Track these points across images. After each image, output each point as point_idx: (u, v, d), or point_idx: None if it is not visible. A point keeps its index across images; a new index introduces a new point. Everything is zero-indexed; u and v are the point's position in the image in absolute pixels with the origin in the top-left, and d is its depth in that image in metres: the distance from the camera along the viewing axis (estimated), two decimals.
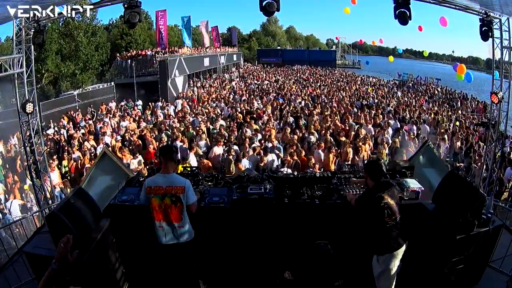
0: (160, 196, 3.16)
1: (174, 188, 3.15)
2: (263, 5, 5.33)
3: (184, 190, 3.15)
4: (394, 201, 3.06)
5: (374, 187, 3.14)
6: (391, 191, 3.09)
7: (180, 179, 3.22)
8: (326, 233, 3.82)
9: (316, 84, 23.06)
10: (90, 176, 4.90)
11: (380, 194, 3.03)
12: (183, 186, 3.16)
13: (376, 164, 3.31)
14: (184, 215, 3.23)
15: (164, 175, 3.21)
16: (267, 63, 39.21)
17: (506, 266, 3.76)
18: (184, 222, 3.24)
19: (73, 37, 20.90)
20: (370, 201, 3.07)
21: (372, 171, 3.18)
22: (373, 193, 3.09)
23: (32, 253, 3.10)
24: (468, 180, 3.54)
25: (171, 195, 3.14)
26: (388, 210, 3.02)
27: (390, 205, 3.02)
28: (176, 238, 3.25)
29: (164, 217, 3.20)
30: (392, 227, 3.06)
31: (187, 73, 21.08)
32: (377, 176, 3.16)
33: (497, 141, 6.74)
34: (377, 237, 3.11)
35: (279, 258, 3.88)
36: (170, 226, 3.22)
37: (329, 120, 10.57)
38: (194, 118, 11.82)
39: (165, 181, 3.17)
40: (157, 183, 3.19)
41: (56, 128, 12.26)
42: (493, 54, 6.70)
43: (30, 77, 6.76)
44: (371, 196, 3.10)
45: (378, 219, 3.04)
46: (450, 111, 15.65)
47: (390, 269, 3.13)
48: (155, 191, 3.17)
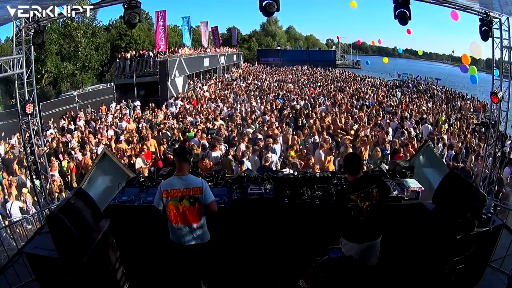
0: (178, 199, 3.13)
1: (191, 189, 3.13)
2: (263, 5, 5.33)
3: (202, 191, 3.14)
4: (366, 202, 3.05)
5: (348, 185, 3.17)
6: (366, 192, 3.06)
7: (196, 179, 3.20)
8: (326, 233, 3.81)
9: (316, 84, 23.06)
10: (90, 176, 4.92)
11: (348, 195, 3.06)
12: (201, 186, 3.14)
13: (351, 158, 3.27)
14: (203, 216, 3.23)
15: (180, 177, 3.17)
16: (267, 63, 39.19)
17: (507, 266, 3.75)
18: (201, 223, 3.23)
19: (72, 37, 20.90)
20: (338, 200, 3.16)
21: (348, 165, 3.17)
22: (343, 193, 3.16)
23: (32, 253, 3.10)
24: (469, 180, 3.54)
25: (189, 196, 3.13)
26: (355, 211, 3.05)
27: (358, 207, 3.05)
28: (195, 239, 3.24)
29: (183, 219, 3.18)
30: (356, 225, 3.10)
31: (187, 73, 21.08)
32: (352, 170, 3.14)
33: (497, 140, 6.73)
34: (342, 224, 3.19)
35: (279, 258, 3.88)
36: (189, 227, 3.20)
37: (327, 120, 10.58)
38: (194, 118, 11.84)
39: (181, 184, 3.14)
40: (173, 186, 3.16)
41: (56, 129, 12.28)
42: (493, 54, 6.70)
43: (30, 78, 6.76)
44: (340, 196, 3.18)
45: (342, 216, 3.12)
46: (450, 111, 15.66)
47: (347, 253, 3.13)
48: (173, 195, 3.14)
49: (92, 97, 17.16)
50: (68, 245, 2.95)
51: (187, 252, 3.28)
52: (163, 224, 3.33)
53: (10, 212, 6.94)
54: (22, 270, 3.67)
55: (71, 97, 16.68)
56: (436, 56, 59.47)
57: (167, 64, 18.13)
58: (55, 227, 2.97)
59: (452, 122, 12.31)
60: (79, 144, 10.23)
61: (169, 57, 19.32)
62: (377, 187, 3.13)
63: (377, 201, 3.11)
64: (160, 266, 3.87)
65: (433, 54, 59.00)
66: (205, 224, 3.29)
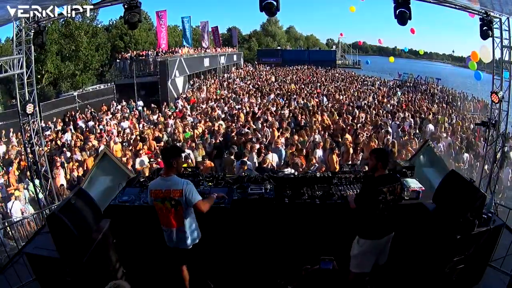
0: (160, 199, 3.09)
1: (172, 191, 3.05)
2: (263, 5, 5.33)
3: (182, 193, 3.03)
4: (391, 196, 3.13)
5: (379, 178, 3.17)
6: (393, 187, 3.14)
7: (178, 181, 3.08)
8: (326, 233, 3.82)
9: (316, 84, 23.05)
10: (90, 176, 4.93)
11: (381, 187, 3.09)
12: (180, 189, 3.03)
13: (386, 152, 3.36)
14: (186, 219, 3.15)
15: (164, 178, 3.12)
16: (267, 63, 39.19)
17: (507, 266, 3.75)
18: (186, 226, 3.16)
19: (73, 37, 20.89)
20: (370, 191, 3.15)
21: (384, 158, 3.20)
22: (375, 185, 3.15)
23: (32, 253, 3.10)
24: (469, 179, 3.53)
25: (170, 198, 3.06)
26: (383, 204, 3.10)
27: (387, 200, 3.10)
28: (179, 243, 3.19)
29: (166, 221, 3.15)
30: (379, 218, 3.14)
31: (187, 73, 21.09)
32: (386, 164, 3.21)
33: (497, 140, 6.73)
34: (364, 221, 3.21)
35: (279, 258, 3.88)
36: (172, 230, 3.16)
37: (327, 120, 10.58)
38: (195, 118, 11.85)
39: (164, 185, 3.09)
40: (157, 186, 3.12)
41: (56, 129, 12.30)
42: (493, 54, 6.70)
43: (30, 78, 6.77)
44: (372, 187, 3.17)
45: (371, 208, 3.13)
46: (451, 110, 15.64)
47: (365, 254, 3.22)
48: (156, 195, 3.11)
49: (92, 97, 17.16)
50: (68, 245, 2.95)
51: (176, 255, 3.26)
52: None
53: (10, 212, 6.96)
54: (23, 270, 3.67)
55: (71, 97, 16.69)
56: (436, 56, 59.51)
57: (167, 64, 18.14)
58: (55, 227, 2.97)
59: (452, 122, 12.29)
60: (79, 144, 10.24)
61: (169, 57, 19.32)
62: (400, 183, 3.24)
63: (398, 197, 3.21)
64: (160, 266, 3.87)
65: (434, 54, 59.06)
66: (191, 226, 3.20)
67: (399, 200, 3.23)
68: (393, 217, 3.21)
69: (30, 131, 6.89)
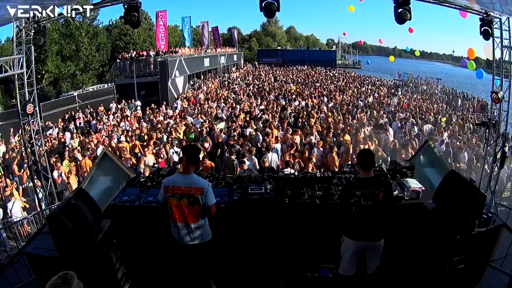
0: (178, 196, 3.12)
1: (193, 189, 3.10)
2: (263, 5, 5.33)
3: (203, 192, 3.10)
4: (368, 202, 3.06)
5: (357, 181, 3.21)
6: (371, 192, 3.06)
7: (199, 180, 3.16)
8: (326, 233, 3.81)
9: (316, 84, 23.05)
10: (91, 176, 4.92)
11: (353, 190, 3.09)
12: (202, 187, 3.10)
13: (364, 153, 3.22)
14: (202, 217, 3.19)
15: (184, 175, 3.16)
16: (268, 63, 39.21)
17: (507, 266, 3.75)
18: (200, 224, 3.20)
19: (73, 37, 20.90)
20: (342, 192, 3.20)
21: (360, 160, 3.16)
22: (348, 187, 3.20)
23: (33, 253, 3.10)
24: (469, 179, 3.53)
25: (189, 195, 3.11)
26: (356, 208, 3.07)
27: (360, 204, 3.06)
28: (192, 239, 3.21)
29: (181, 217, 3.16)
30: (355, 221, 3.12)
31: (187, 73, 21.09)
32: (365, 165, 3.13)
33: (497, 140, 6.73)
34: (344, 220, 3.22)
35: (279, 258, 3.88)
36: (186, 226, 3.18)
37: (329, 121, 10.58)
38: (195, 118, 11.84)
39: (184, 182, 3.12)
40: (175, 183, 3.15)
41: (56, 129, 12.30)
42: (493, 54, 6.69)
43: (30, 78, 6.77)
44: (344, 189, 3.23)
45: (343, 209, 3.16)
46: (451, 110, 15.64)
47: (348, 252, 3.23)
48: (173, 191, 3.13)
49: (92, 97, 17.15)
50: (68, 245, 2.96)
51: (185, 251, 3.27)
52: (164, 224, 3.33)
53: (11, 212, 6.96)
54: (23, 270, 3.67)
55: (71, 97, 16.68)
56: (436, 56, 59.53)
57: (167, 64, 18.14)
58: (55, 227, 2.97)
59: (452, 122, 12.29)
60: (79, 144, 10.24)
61: (169, 57, 19.33)
62: (385, 191, 3.10)
63: (381, 204, 3.09)
64: (161, 266, 3.87)
65: (434, 54, 59.07)
66: (205, 224, 3.26)
67: (381, 207, 3.08)
68: (378, 223, 3.12)
69: (30, 131, 6.89)
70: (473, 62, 14.55)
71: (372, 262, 3.27)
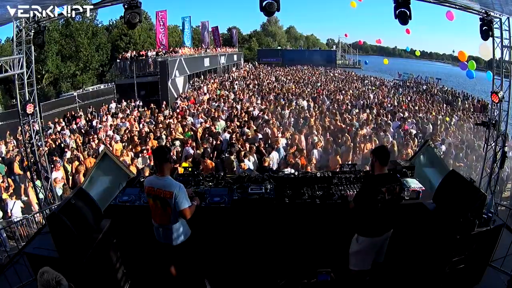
0: (152, 197, 3.18)
1: (163, 191, 3.12)
2: (263, 5, 5.33)
3: (173, 196, 3.08)
4: (390, 196, 3.11)
5: (378, 177, 3.18)
6: (392, 187, 3.12)
7: (172, 183, 3.13)
8: (326, 233, 3.82)
9: (316, 84, 23.05)
10: (91, 176, 4.92)
11: (379, 187, 3.09)
12: (172, 191, 3.08)
13: (385, 150, 3.29)
14: (174, 219, 3.19)
15: (159, 177, 3.19)
16: (268, 63, 39.22)
17: (507, 266, 3.75)
18: (175, 225, 3.21)
19: (73, 37, 20.90)
20: (369, 190, 3.15)
21: (382, 156, 3.18)
22: (374, 184, 3.15)
23: (33, 253, 3.10)
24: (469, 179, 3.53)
25: (160, 198, 3.14)
26: (381, 204, 3.09)
27: (385, 199, 3.09)
28: (168, 239, 3.26)
29: (156, 217, 3.24)
30: (378, 217, 3.14)
31: (188, 73, 21.07)
32: (384, 161, 3.17)
33: (497, 140, 6.73)
34: (362, 219, 3.21)
35: (279, 258, 3.88)
36: (162, 227, 3.24)
37: (327, 121, 10.57)
38: (196, 118, 11.83)
39: (157, 184, 3.16)
40: (151, 183, 3.20)
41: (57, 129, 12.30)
42: (493, 53, 6.69)
43: (31, 78, 6.78)
44: (371, 186, 3.18)
45: (369, 207, 3.14)
46: (451, 110, 15.64)
47: (364, 251, 3.23)
48: (148, 192, 3.20)
49: (92, 97, 17.15)
50: (68, 245, 2.96)
51: (166, 250, 3.33)
52: None
53: (11, 212, 6.96)
54: (23, 270, 3.68)
55: (71, 97, 16.67)
56: (436, 56, 59.54)
57: (167, 64, 18.11)
58: (55, 227, 2.97)
59: (453, 122, 12.29)
60: (79, 144, 10.24)
61: (169, 57, 19.30)
62: (399, 184, 3.20)
63: (397, 197, 3.17)
64: (161, 266, 3.87)
65: (434, 53, 59.07)
66: (181, 226, 3.24)
67: (397, 200, 3.20)
68: (392, 215, 3.21)
69: (30, 131, 6.89)
70: (473, 62, 14.55)
71: (383, 252, 3.31)
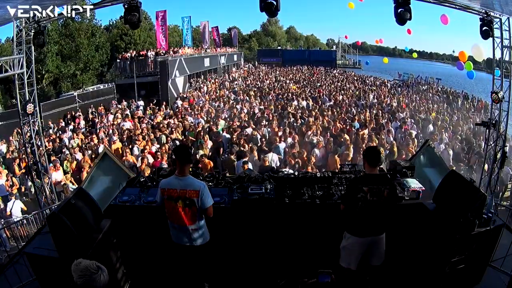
0: (174, 198, 3.11)
1: (188, 191, 3.08)
2: (264, 5, 5.33)
3: (199, 195, 3.07)
4: (374, 198, 3.08)
5: (363, 177, 3.19)
6: (377, 189, 3.08)
7: (195, 182, 3.12)
8: (326, 233, 3.81)
9: (316, 84, 23.04)
10: (91, 176, 4.92)
11: (360, 186, 3.09)
12: (198, 190, 3.07)
13: (374, 151, 3.25)
14: (199, 219, 3.18)
15: (179, 177, 3.13)
16: (268, 63, 39.22)
17: (507, 266, 3.75)
18: (198, 225, 3.18)
19: (73, 37, 20.88)
20: (349, 187, 3.19)
21: (370, 157, 3.16)
22: (355, 182, 3.18)
23: (33, 253, 3.10)
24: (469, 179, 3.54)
25: (185, 198, 3.09)
26: (363, 203, 3.08)
27: (367, 199, 3.07)
28: (189, 241, 3.21)
29: (178, 219, 3.16)
30: (360, 217, 3.13)
31: (188, 73, 21.08)
32: (372, 161, 3.14)
33: (497, 140, 6.73)
34: (348, 217, 3.23)
35: (279, 258, 3.88)
36: (183, 228, 3.17)
37: (327, 120, 10.57)
38: (196, 118, 11.84)
39: (179, 184, 3.10)
40: (171, 185, 3.13)
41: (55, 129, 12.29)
42: (494, 54, 6.70)
43: (31, 78, 6.77)
44: (351, 184, 3.21)
45: (349, 205, 3.16)
46: (451, 110, 15.62)
47: (349, 249, 3.24)
48: (169, 194, 3.12)
49: (92, 97, 17.14)
50: (68, 245, 2.96)
51: (183, 252, 3.27)
52: (164, 224, 3.33)
53: (11, 212, 6.96)
54: (23, 270, 3.67)
55: (71, 97, 16.65)
56: (436, 56, 59.54)
57: (167, 64, 18.12)
58: (55, 227, 2.97)
59: (453, 122, 12.28)
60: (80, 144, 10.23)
61: (169, 57, 19.30)
62: (390, 189, 3.13)
63: (385, 201, 3.12)
64: (161, 266, 3.87)
65: (434, 54, 59.07)
66: (203, 226, 3.24)
67: (386, 203, 3.12)
68: (381, 219, 3.16)
69: (30, 131, 6.89)
70: (470, 63, 14.61)
71: (376, 255, 3.27)
